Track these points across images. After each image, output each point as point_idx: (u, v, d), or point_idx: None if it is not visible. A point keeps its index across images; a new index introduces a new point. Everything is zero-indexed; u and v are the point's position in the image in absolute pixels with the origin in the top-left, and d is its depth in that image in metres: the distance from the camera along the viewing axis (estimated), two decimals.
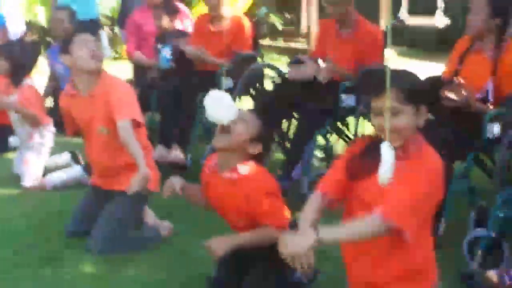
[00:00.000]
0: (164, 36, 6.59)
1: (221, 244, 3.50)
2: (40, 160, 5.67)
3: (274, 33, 11.84)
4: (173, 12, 6.81)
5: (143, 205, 4.56)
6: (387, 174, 2.65)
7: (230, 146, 3.44)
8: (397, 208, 2.73)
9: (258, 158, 3.54)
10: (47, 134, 5.74)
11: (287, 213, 3.56)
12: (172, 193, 3.59)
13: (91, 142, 4.55)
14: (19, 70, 5.66)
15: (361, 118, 5.21)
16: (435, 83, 4.68)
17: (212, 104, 3.37)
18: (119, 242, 4.35)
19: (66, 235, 4.53)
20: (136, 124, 4.31)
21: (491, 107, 4.31)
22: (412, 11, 10.44)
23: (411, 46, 11.58)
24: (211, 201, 3.67)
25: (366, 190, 2.88)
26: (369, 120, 3.08)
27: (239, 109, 3.54)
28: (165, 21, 6.67)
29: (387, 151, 2.65)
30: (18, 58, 5.65)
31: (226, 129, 3.41)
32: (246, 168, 3.48)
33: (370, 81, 2.96)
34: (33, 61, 5.94)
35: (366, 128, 4.89)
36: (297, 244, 2.70)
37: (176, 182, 3.59)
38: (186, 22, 6.86)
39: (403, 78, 2.83)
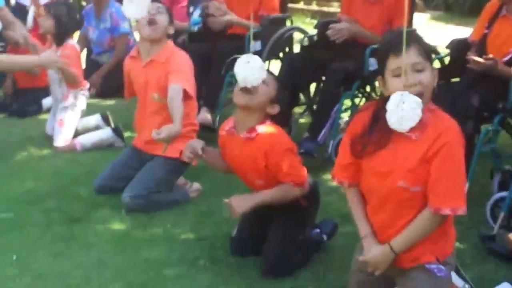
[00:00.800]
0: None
1: (241, 202, 3.54)
2: (73, 121, 5.72)
3: None
4: None
5: (182, 173, 4.64)
6: (402, 126, 2.62)
7: (250, 105, 3.48)
8: (444, 195, 2.75)
9: (275, 119, 3.58)
10: (81, 97, 5.80)
11: (304, 170, 3.59)
12: (194, 155, 3.64)
13: (144, 108, 4.63)
14: (64, 30, 5.71)
15: None
16: (461, 45, 4.67)
17: (242, 68, 3.38)
18: (150, 201, 4.41)
19: (94, 187, 4.64)
20: (187, 97, 4.36)
21: None
22: None
23: (447, 11, 11.42)
24: (229, 163, 3.72)
25: (380, 162, 2.85)
26: None
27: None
28: None
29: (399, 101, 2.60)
30: (65, 18, 5.70)
31: (246, 89, 3.45)
32: (263, 127, 3.52)
33: (386, 42, 2.90)
34: (78, 22, 5.98)
35: None
36: (382, 265, 2.90)
37: (197, 144, 3.64)
38: None
39: (419, 37, 2.81)
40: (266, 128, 3.52)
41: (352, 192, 3.07)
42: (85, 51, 7.51)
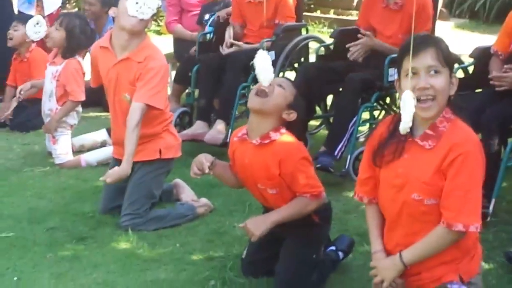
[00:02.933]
0: (210, 6, 6.69)
1: (258, 224, 3.51)
2: (65, 137, 5.75)
3: (324, 4, 11.76)
4: None
5: (169, 170, 4.65)
6: (406, 124, 2.73)
7: (265, 109, 3.46)
8: (456, 209, 2.78)
9: (291, 127, 3.55)
10: (72, 113, 5.81)
11: (319, 181, 3.56)
12: (201, 172, 3.61)
13: (114, 105, 4.53)
14: (75, 45, 5.72)
15: None
16: (486, 54, 4.68)
17: (261, 63, 3.40)
18: (151, 218, 4.43)
19: (99, 213, 4.64)
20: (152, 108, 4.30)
21: None
22: None
23: (472, 18, 11.43)
24: (239, 173, 3.68)
25: (394, 173, 2.92)
26: None
27: (279, 78, 3.58)
28: None
29: (408, 99, 2.70)
30: (77, 31, 5.71)
31: (261, 93, 3.45)
32: (278, 134, 3.48)
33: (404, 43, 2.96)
34: (90, 38, 5.94)
35: None
36: (389, 274, 2.94)
37: (205, 160, 3.60)
38: None
39: (440, 40, 2.87)
40: (281, 135, 3.48)
41: (371, 209, 3.13)
42: None
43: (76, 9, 10.26)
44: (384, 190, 2.99)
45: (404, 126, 2.76)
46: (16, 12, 7.80)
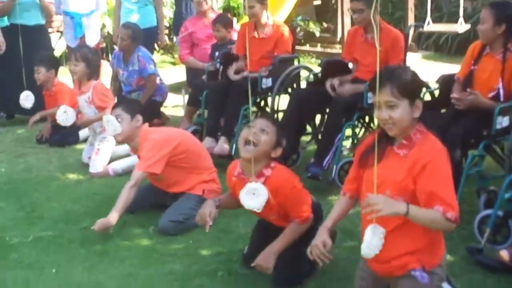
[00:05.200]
0: (220, 46, 6.72)
1: (266, 259, 3.56)
2: (108, 150, 5.76)
3: (313, 39, 11.78)
4: (229, 24, 6.91)
5: None
6: (369, 251, 2.80)
7: (256, 156, 3.44)
8: (450, 201, 2.79)
9: (279, 157, 3.57)
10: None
11: (307, 204, 3.60)
12: (205, 222, 3.65)
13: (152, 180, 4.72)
14: (93, 68, 5.84)
15: None
16: (448, 81, 4.69)
17: (246, 196, 3.41)
18: (186, 225, 4.40)
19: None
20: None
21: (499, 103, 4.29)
22: (436, 20, 10.31)
23: (436, 50, 11.44)
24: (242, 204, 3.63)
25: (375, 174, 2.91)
26: None
27: (259, 120, 3.57)
28: (223, 33, 6.79)
29: (371, 232, 2.79)
30: (93, 62, 5.83)
31: (248, 141, 3.45)
32: (269, 170, 3.51)
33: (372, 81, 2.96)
34: (100, 65, 6.13)
35: None
36: (387, 208, 2.76)
37: (208, 212, 3.65)
38: (234, 34, 6.91)
39: (398, 75, 2.85)
40: (272, 170, 3.52)
41: (343, 199, 3.21)
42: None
43: (105, 44, 10.24)
44: (366, 187, 3.00)
45: (364, 252, 2.82)
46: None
